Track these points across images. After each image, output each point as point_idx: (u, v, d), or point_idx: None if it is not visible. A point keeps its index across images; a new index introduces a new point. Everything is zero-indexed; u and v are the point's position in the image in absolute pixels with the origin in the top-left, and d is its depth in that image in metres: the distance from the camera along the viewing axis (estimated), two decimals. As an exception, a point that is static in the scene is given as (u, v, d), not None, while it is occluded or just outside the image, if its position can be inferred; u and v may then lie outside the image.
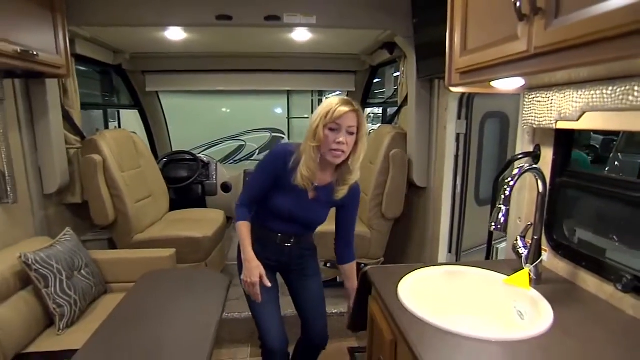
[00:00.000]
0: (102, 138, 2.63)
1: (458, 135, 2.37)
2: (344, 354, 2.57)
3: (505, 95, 1.94)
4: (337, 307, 2.64)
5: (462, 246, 2.51)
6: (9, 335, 1.66)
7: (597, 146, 6.70)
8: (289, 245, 1.72)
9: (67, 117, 2.59)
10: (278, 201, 1.63)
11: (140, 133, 3.96)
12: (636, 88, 0.97)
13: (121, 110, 4.44)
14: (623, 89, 1.01)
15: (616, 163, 4.64)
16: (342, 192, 1.62)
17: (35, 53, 1.75)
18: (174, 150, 4.11)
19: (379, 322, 1.33)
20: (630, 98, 0.99)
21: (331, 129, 1.48)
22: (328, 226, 2.65)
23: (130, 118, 4.35)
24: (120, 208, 2.63)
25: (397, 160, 2.65)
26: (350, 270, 1.81)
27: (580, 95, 1.17)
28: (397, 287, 1.28)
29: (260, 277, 1.60)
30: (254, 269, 1.60)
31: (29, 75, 2.06)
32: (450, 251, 2.50)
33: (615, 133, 4.57)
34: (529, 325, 1.12)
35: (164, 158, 3.76)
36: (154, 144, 4.15)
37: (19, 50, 1.65)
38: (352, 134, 1.50)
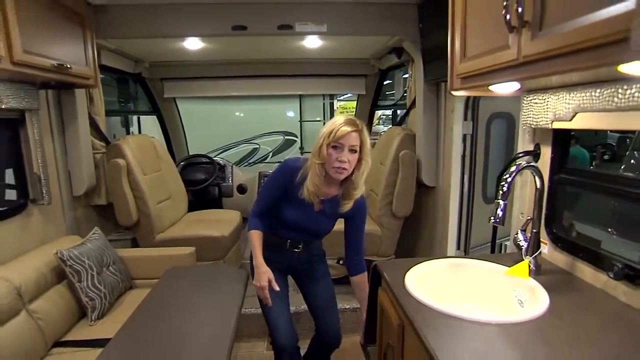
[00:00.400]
0: (126, 143, 2.78)
1: (465, 135, 2.45)
2: (357, 348, 2.66)
3: (510, 97, 2.02)
4: (350, 303, 2.75)
5: (471, 243, 2.59)
6: (48, 324, 1.81)
7: (614, 144, 6.65)
8: (297, 250, 1.83)
9: (93, 124, 2.75)
10: (286, 212, 1.74)
11: (159, 138, 4.12)
12: (620, 90, 1.06)
13: (140, 117, 4.62)
14: (609, 91, 1.10)
15: (632, 161, 4.63)
16: (347, 206, 1.70)
17: (68, 66, 1.91)
18: (190, 153, 4.27)
19: (387, 310, 1.43)
20: (615, 99, 1.08)
21: (334, 147, 1.58)
22: (340, 224, 2.76)
23: (149, 123, 4.53)
24: (143, 209, 2.78)
25: (407, 161, 2.74)
26: (361, 282, 1.84)
27: (573, 97, 1.26)
28: (404, 277, 1.38)
29: (269, 282, 1.71)
30: (263, 274, 1.71)
31: (62, 86, 2.22)
32: (458, 248, 2.58)
33: (631, 131, 4.56)
34: (527, 311, 1.21)
35: (182, 161, 3.91)
36: (172, 148, 4.31)
37: (55, 64, 1.81)
38: (354, 151, 1.59)
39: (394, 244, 2.96)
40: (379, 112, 7.69)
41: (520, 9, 0.95)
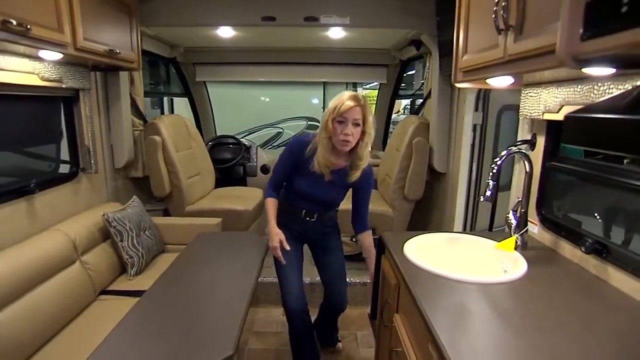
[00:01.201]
0: (161, 122, 3.05)
1: (475, 125, 2.60)
2: (365, 318, 2.89)
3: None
4: (360, 278, 2.97)
5: (476, 227, 2.75)
6: (97, 274, 2.11)
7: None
8: (312, 220, 2.00)
9: (133, 104, 3.03)
10: (299, 184, 1.93)
11: (189, 118, 4.40)
12: (595, 87, 1.22)
13: (173, 99, 4.91)
14: (587, 87, 1.25)
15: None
16: (354, 175, 1.87)
17: (118, 51, 2.16)
18: (218, 134, 4.54)
19: (387, 273, 1.64)
20: (592, 95, 1.23)
21: (339, 122, 1.74)
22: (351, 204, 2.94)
23: (179, 105, 4.82)
24: (175, 182, 3.06)
25: (420, 148, 2.91)
26: (367, 239, 2.07)
27: (560, 91, 1.41)
28: (403, 245, 1.58)
29: (281, 242, 1.91)
30: (275, 236, 1.92)
31: (110, 69, 2.49)
32: (464, 229, 2.75)
33: None
34: (506, 275, 1.39)
35: (211, 141, 4.18)
36: (201, 128, 4.59)
37: (107, 50, 2.07)
38: (357, 125, 1.74)
39: (405, 226, 3.14)
40: (403, 103, 7.77)
41: (505, 15, 1.12)
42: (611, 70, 0.84)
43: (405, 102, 7.77)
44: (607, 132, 0.67)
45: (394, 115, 4.93)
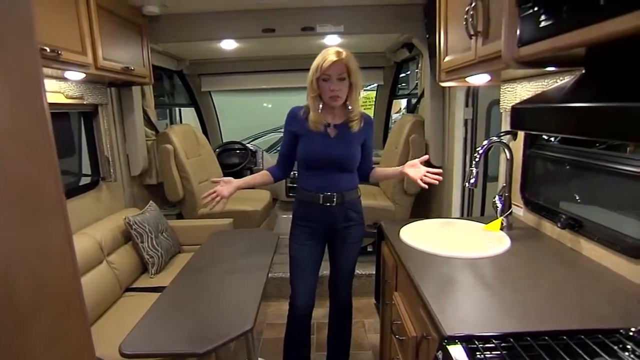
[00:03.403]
0: (172, 131, 3.25)
1: (466, 120, 2.77)
2: (371, 307, 3.05)
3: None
4: (366, 270, 3.15)
5: (473, 215, 2.91)
6: (121, 273, 2.30)
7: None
8: (332, 205, 1.87)
9: (145, 116, 3.23)
10: (305, 147, 1.86)
11: (195, 127, 4.60)
12: (557, 81, 1.39)
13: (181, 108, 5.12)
14: (552, 80, 1.43)
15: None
16: (355, 125, 1.84)
17: (132, 68, 2.36)
18: (225, 141, 4.74)
19: (386, 256, 1.81)
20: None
21: (324, 80, 1.74)
22: (371, 200, 3.11)
23: (185, 114, 5.02)
24: (188, 187, 3.25)
25: (416, 144, 3.09)
26: (378, 170, 2.09)
27: (532, 85, 1.58)
28: (399, 230, 1.75)
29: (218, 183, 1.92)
30: (221, 187, 1.92)
31: (124, 84, 2.69)
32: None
33: None
34: (490, 251, 1.56)
35: (219, 148, 4.38)
36: (207, 135, 4.79)
37: (123, 67, 2.27)
38: (343, 79, 1.74)
39: (406, 218, 3.31)
40: (403, 103, 7.93)
41: (473, 22, 1.30)
42: (554, 68, 1.01)
43: (404, 103, 7.94)
44: (543, 118, 0.84)
45: (395, 115, 5.11)
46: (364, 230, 2.03)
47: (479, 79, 1.66)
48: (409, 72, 5.09)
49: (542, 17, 0.71)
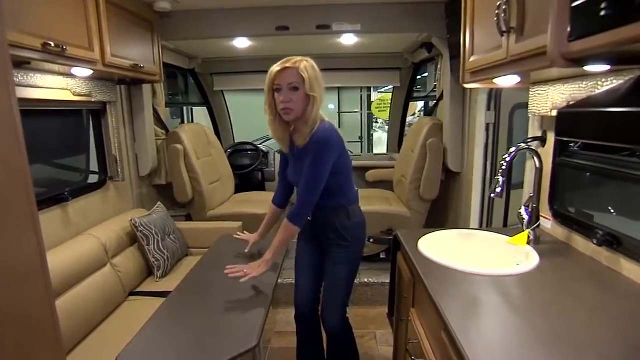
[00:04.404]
0: (183, 131, 3.18)
1: (487, 125, 2.64)
2: (383, 318, 2.93)
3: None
4: (378, 278, 3.03)
5: (493, 224, 2.77)
6: (126, 276, 2.23)
7: None
8: (311, 220, 1.79)
9: (155, 114, 3.17)
10: (287, 172, 1.83)
11: (208, 126, 4.53)
12: (599, 83, 1.26)
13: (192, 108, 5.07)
14: (592, 83, 1.30)
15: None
16: (299, 141, 1.65)
17: (142, 65, 2.29)
18: (236, 141, 4.66)
19: (403, 270, 1.70)
20: (597, 90, 1.28)
21: (276, 90, 1.58)
22: (385, 206, 3.01)
23: (197, 113, 4.96)
24: (197, 188, 3.18)
25: (434, 148, 2.96)
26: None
27: (566, 88, 1.45)
28: (417, 242, 1.63)
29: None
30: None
31: (134, 82, 2.63)
32: (480, 227, 2.77)
33: None
34: (516, 268, 1.43)
35: (230, 148, 4.31)
36: (219, 135, 4.73)
37: (132, 65, 2.20)
38: (296, 89, 1.55)
39: (422, 226, 3.18)
40: (419, 105, 7.78)
41: (506, 18, 1.18)
42: (605, 67, 0.89)
43: (421, 104, 7.79)
44: (599, 125, 0.73)
45: (410, 118, 4.98)
46: (355, 253, 1.84)
47: (507, 81, 1.54)
48: (426, 74, 4.97)
49: (603, 5, 0.60)
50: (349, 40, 3.16)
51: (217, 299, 1.70)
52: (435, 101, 3.39)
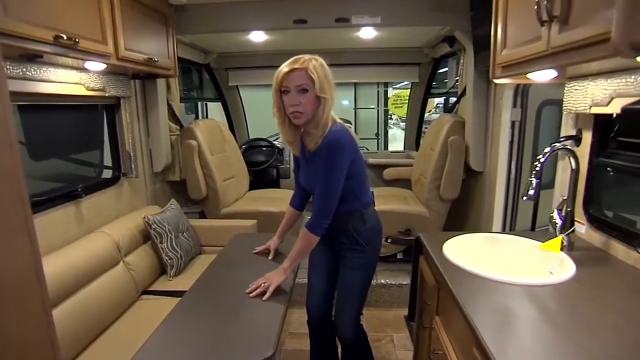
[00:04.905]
0: (197, 126, 3.13)
1: (513, 122, 2.51)
2: (401, 320, 2.85)
3: (562, 84, 2.07)
4: (395, 279, 2.94)
5: (516, 227, 2.66)
6: (139, 274, 2.18)
7: None
8: None
9: (169, 109, 3.12)
10: (299, 176, 1.80)
11: (223, 122, 4.48)
12: (650, 77, 1.15)
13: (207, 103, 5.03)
14: (640, 77, 1.19)
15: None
16: (310, 144, 1.58)
17: (156, 59, 2.23)
18: (251, 137, 4.61)
19: (426, 274, 1.61)
20: (646, 86, 1.17)
21: (284, 93, 1.49)
22: (402, 205, 2.92)
23: (211, 109, 4.91)
24: (211, 185, 3.13)
25: (455, 146, 2.85)
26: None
27: (610, 83, 1.34)
28: (442, 246, 1.54)
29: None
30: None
31: (148, 76, 2.58)
32: (503, 230, 2.66)
33: None
34: (551, 277, 1.33)
35: (245, 144, 4.25)
36: (234, 131, 4.68)
37: (146, 58, 2.14)
38: (305, 91, 1.47)
39: (441, 226, 3.08)
40: (435, 101, 7.61)
41: (549, 5, 1.08)
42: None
43: (437, 100, 7.62)
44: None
45: (425, 114, 4.84)
46: (370, 259, 1.76)
47: (543, 76, 1.44)
48: (445, 69, 4.82)
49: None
50: (368, 34, 3.06)
51: (231, 302, 1.63)
52: (456, 97, 3.27)
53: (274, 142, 4.26)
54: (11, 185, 0.46)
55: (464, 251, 1.52)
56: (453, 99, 3.76)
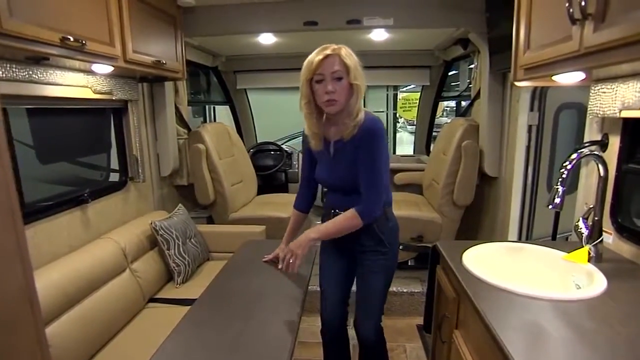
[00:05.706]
0: (205, 130, 3.09)
1: (530, 126, 2.44)
2: (413, 329, 2.77)
3: (582, 87, 1.99)
4: (407, 287, 2.86)
5: (533, 235, 2.57)
6: (145, 282, 2.13)
7: None
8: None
9: (177, 113, 3.08)
10: (317, 172, 1.70)
11: (230, 126, 4.44)
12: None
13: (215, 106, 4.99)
14: (678, 80, 1.11)
15: None
16: (346, 134, 1.52)
17: (164, 62, 2.19)
18: (259, 141, 4.56)
19: (444, 285, 1.54)
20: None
21: (317, 81, 1.45)
22: (414, 211, 2.85)
23: (221, 112, 4.87)
24: (219, 190, 3.08)
25: (469, 151, 2.77)
26: (348, 211, 1.56)
27: (643, 85, 1.27)
28: (461, 255, 1.47)
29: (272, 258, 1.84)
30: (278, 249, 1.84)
31: (156, 79, 2.54)
32: (520, 238, 2.58)
33: None
34: (581, 292, 1.26)
35: (253, 148, 4.20)
36: (242, 135, 4.63)
37: (154, 61, 2.10)
38: (340, 78, 1.43)
39: (454, 233, 3.00)
40: (443, 104, 7.52)
41: (583, 3, 1.01)
42: None
43: (445, 103, 7.52)
44: None
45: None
46: (392, 261, 1.69)
47: (570, 78, 1.37)
48: (455, 72, 4.74)
49: None
50: (379, 36, 3.00)
51: (242, 309, 1.57)
52: (469, 101, 3.19)
53: (282, 146, 4.21)
54: (1, 197, 0.40)
55: (486, 262, 1.44)
56: (464, 103, 3.69)
